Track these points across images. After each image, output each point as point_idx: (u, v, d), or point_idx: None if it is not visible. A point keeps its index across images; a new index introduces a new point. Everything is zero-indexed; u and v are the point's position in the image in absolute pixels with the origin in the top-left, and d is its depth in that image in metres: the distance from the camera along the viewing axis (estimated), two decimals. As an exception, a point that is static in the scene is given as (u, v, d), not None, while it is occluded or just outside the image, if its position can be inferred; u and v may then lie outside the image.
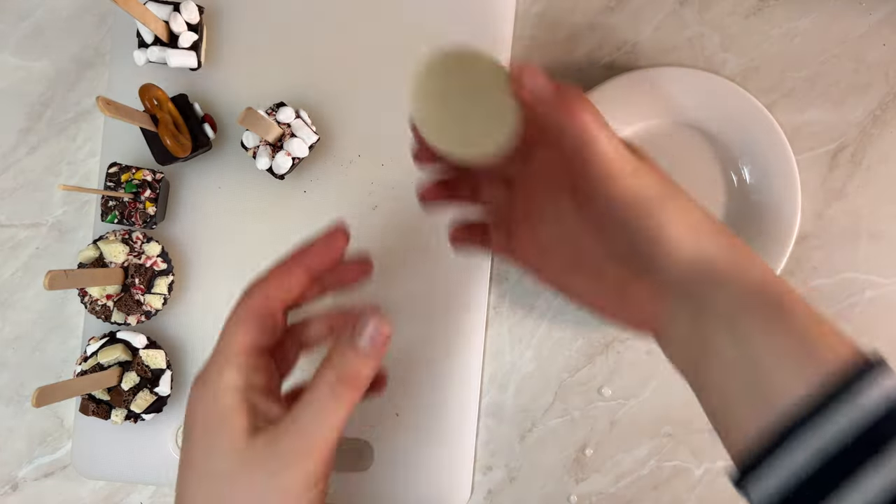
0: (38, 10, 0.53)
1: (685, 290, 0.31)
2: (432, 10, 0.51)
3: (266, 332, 0.34)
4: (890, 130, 0.50)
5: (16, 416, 0.53)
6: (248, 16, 0.51)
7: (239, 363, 0.33)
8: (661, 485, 0.51)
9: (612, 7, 0.51)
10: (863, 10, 0.50)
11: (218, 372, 0.33)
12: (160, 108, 0.47)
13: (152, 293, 0.49)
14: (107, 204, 0.48)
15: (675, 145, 0.49)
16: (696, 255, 0.31)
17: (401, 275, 0.51)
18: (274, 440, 0.31)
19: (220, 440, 0.31)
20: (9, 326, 0.53)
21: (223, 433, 0.31)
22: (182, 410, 0.51)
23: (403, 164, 0.51)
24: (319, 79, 0.51)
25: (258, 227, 0.51)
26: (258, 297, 0.35)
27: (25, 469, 0.53)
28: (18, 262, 0.53)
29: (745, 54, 0.50)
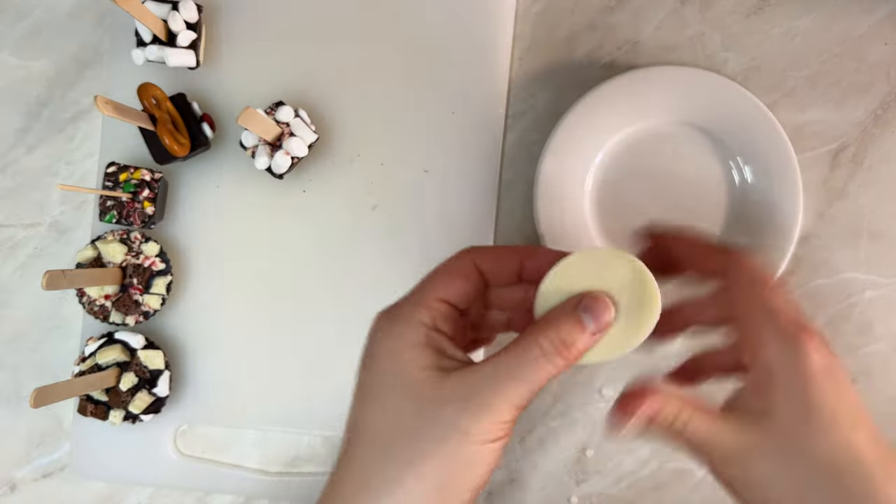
0: (37, 10, 0.53)
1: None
2: (432, 9, 0.51)
3: (462, 293, 0.34)
4: (891, 130, 0.49)
5: (14, 416, 0.53)
6: (247, 15, 0.51)
7: (430, 307, 0.33)
8: (662, 486, 0.51)
9: (613, 6, 0.50)
10: (864, 9, 0.49)
11: (409, 309, 0.33)
12: (159, 107, 0.47)
13: (150, 293, 0.49)
14: (105, 204, 0.48)
15: (676, 145, 0.48)
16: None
17: (401, 275, 0.51)
18: (469, 383, 0.30)
19: (407, 372, 0.31)
20: (7, 326, 0.53)
21: (410, 365, 0.31)
22: (181, 411, 0.51)
23: (403, 163, 0.51)
24: (319, 78, 0.51)
25: (257, 227, 0.51)
26: (467, 260, 0.35)
27: (24, 470, 0.53)
28: (16, 262, 0.53)
29: (746, 53, 0.50)
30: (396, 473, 0.30)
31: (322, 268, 0.51)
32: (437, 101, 0.51)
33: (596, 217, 0.49)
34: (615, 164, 0.49)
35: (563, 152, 0.48)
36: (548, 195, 0.48)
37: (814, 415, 0.30)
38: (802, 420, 0.30)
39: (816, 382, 0.30)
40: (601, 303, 0.31)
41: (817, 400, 0.30)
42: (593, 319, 0.31)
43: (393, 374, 0.31)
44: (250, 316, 0.51)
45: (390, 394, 0.31)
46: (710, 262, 0.34)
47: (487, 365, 0.31)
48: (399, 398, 0.31)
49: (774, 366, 0.31)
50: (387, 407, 0.31)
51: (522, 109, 0.51)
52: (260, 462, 0.52)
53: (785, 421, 0.30)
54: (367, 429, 0.31)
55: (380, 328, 0.34)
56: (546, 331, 0.31)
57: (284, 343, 0.51)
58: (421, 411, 0.30)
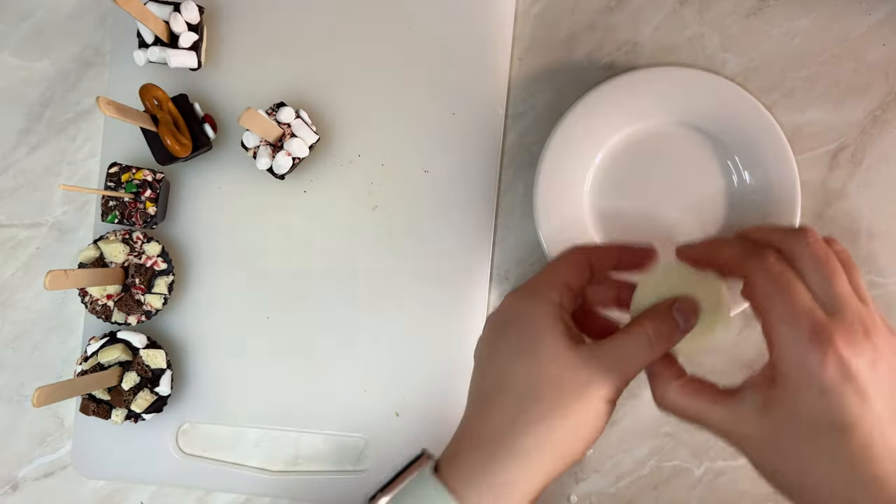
0: (39, 11, 0.53)
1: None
2: (432, 10, 0.51)
3: (580, 280, 0.39)
4: (890, 130, 0.50)
5: (16, 415, 0.53)
6: (248, 16, 0.51)
7: (562, 289, 0.38)
8: (661, 485, 0.51)
9: (612, 7, 0.51)
10: (863, 9, 0.50)
11: (545, 289, 0.38)
12: (160, 108, 0.47)
13: (152, 293, 0.49)
14: (107, 204, 0.48)
15: (675, 145, 0.49)
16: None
17: (401, 275, 0.51)
18: (598, 354, 0.36)
19: (549, 336, 0.36)
20: (9, 326, 0.53)
21: (551, 332, 0.36)
22: (182, 411, 0.51)
23: (403, 164, 0.51)
24: (319, 79, 0.51)
25: (258, 227, 0.51)
26: (581, 253, 0.40)
27: (26, 469, 0.53)
28: (19, 262, 0.53)
29: (745, 54, 0.50)
30: (543, 414, 0.35)
31: (323, 268, 0.51)
32: (437, 101, 0.51)
33: (595, 217, 0.49)
34: (614, 164, 0.49)
35: (562, 152, 0.48)
36: (547, 195, 0.48)
37: (800, 425, 0.32)
38: (790, 428, 0.33)
39: (812, 393, 0.32)
40: (691, 306, 0.38)
41: (808, 411, 0.32)
42: (684, 319, 0.37)
43: (535, 337, 0.36)
44: (252, 315, 0.51)
45: (534, 353, 0.36)
46: (734, 262, 0.37)
47: (610, 343, 0.36)
48: (543, 357, 0.36)
49: (779, 369, 0.33)
50: (532, 363, 0.36)
51: (522, 109, 0.51)
52: (261, 461, 0.52)
53: (775, 423, 0.33)
54: (515, 379, 0.36)
55: (518, 300, 0.38)
56: (653, 322, 0.37)
57: (285, 342, 0.51)
58: (562, 369, 0.36)
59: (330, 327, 0.51)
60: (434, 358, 0.51)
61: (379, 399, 0.51)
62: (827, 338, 0.32)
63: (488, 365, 0.38)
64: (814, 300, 0.33)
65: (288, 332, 0.51)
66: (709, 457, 0.50)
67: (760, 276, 0.34)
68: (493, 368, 0.38)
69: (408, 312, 0.51)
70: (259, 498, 0.52)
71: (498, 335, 0.38)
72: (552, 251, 0.48)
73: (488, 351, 0.39)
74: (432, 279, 0.51)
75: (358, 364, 0.51)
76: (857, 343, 0.32)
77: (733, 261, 0.37)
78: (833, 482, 0.32)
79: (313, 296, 0.51)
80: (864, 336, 0.32)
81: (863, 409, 0.31)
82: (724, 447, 0.50)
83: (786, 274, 0.34)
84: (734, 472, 0.50)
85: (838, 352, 0.31)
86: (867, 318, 0.33)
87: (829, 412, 0.31)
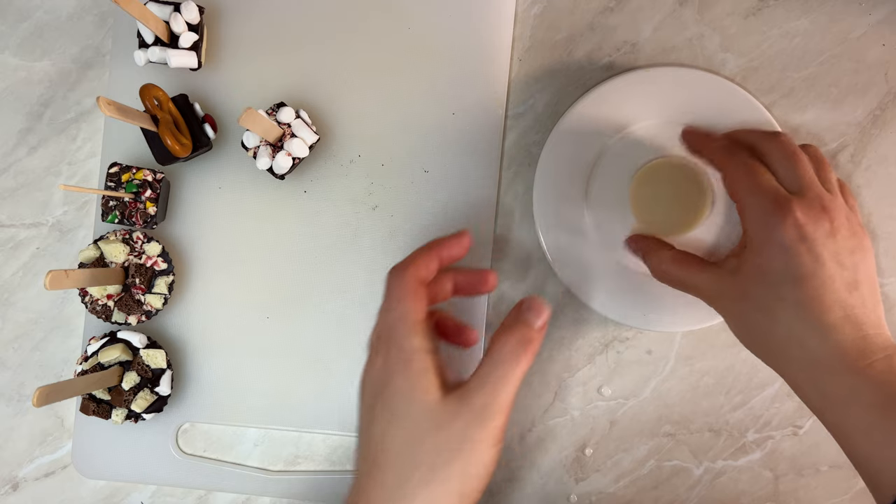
0: (39, 11, 0.53)
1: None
2: (432, 11, 0.51)
3: (423, 302, 0.39)
4: (890, 130, 0.50)
5: (16, 415, 0.53)
6: (248, 16, 0.52)
7: (420, 330, 0.38)
8: (660, 484, 0.51)
9: (612, 7, 0.51)
10: (862, 10, 0.50)
11: (407, 336, 0.37)
12: (161, 108, 0.47)
13: (153, 293, 0.49)
14: (107, 204, 0.48)
15: (675, 145, 0.49)
16: None
17: (401, 275, 0.51)
18: (467, 397, 0.36)
19: (420, 396, 0.36)
20: (9, 326, 0.53)
21: (422, 388, 0.36)
22: (182, 411, 0.51)
23: (403, 164, 0.51)
24: (319, 79, 0.51)
25: (258, 227, 0.51)
26: (414, 274, 0.40)
27: (26, 469, 0.53)
28: (19, 263, 0.53)
29: (744, 54, 0.50)
30: (424, 480, 0.35)
31: (323, 268, 0.51)
32: (437, 101, 0.51)
33: (595, 217, 0.49)
34: (614, 164, 0.49)
35: (562, 153, 0.48)
36: (547, 196, 0.49)
37: (764, 277, 0.39)
38: (756, 280, 0.39)
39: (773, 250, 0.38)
40: (538, 302, 0.39)
41: (769, 265, 0.38)
42: (538, 316, 0.38)
43: (407, 397, 0.36)
44: (252, 315, 0.51)
45: (408, 416, 0.36)
46: (715, 154, 0.42)
47: (476, 380, 0.37)
48: (417, 419, 0.36)
49: (749, 235, 0.40)
50: (407, 427, 0.36)
51: (522, 110, 0.51)
52: (261, 460, 0.52)
53: (745, 278, 0.39)
54: (392, 446, 0.36)
55: (387, 356, 0.38)
56: (508, 337, 0.37)
57: (286, 342, 0.51)
58: (438, 427, 0.36)
59: (330, 327, 0.51)
60: (434, 358, 0.51)
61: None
62: (787, 206, 0.38)
63: (367, 432, 0.38)
64: (779, 183, 0.39)
65: (288, 332, 0.51)
66: (709, 457, 0.51)
67: (733, 164, 0.40)
68: (373, 435, 0.37)
69: (408, 312, 0.51)
70: (259, 498, 0.52)
71: (372, 403, 0.38)
72: (552, 251, 0.48)
73: (367, 419, 0.38)
74: (432, 279, 0.51)
75: (358, 364, 0.51)
76: (813, 214, 0.38)
77: (717, 153, 0.42)
78: (792, 328, 0.37)
79: (313, 296, 0.51)
80: (821, 210, 0.38)
81: (815, 266, 0.37)
82: (724, 447, 0.50)
83: (754, 162, 0.40)
84: (734, 472, 0.50)
85: (796, 217, 0.37)
86: (827, 199, 0.38)
87: (787, 265, 0.37)
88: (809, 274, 0.37)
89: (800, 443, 0.50)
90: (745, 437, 0.50)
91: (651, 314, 0.48)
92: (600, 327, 0.51)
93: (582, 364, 0.51)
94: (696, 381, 0.51)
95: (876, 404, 0.35)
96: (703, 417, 0.51)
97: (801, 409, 0.50)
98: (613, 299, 0.48)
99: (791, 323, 0.38)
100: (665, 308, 0.48)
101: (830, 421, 0.38)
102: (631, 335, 0.51)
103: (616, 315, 0.48)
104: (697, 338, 0.50)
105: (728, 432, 0.50)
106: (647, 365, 0.51)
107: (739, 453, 0.50)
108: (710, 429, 0.51)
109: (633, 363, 0.51)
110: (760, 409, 0.50)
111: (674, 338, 0.51)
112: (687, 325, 0.48)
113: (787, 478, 0.50)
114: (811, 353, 0.37)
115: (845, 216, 0.39)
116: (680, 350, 0.50)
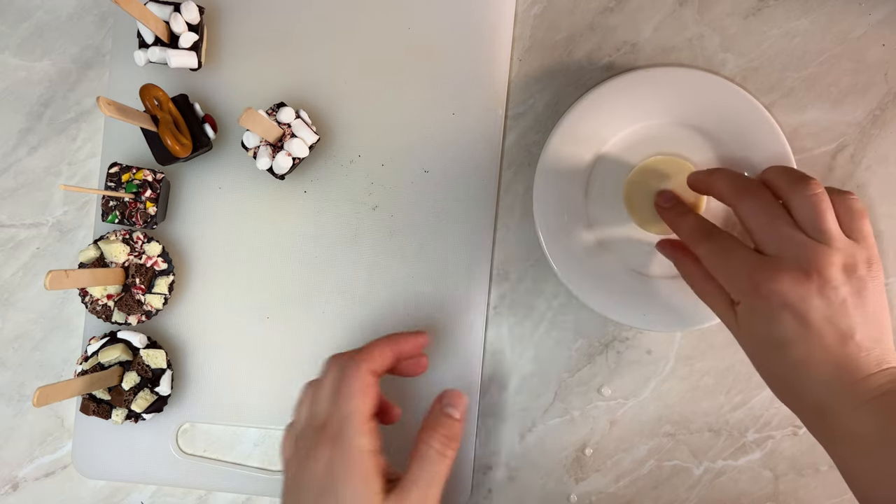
0: (39, 11, 0.53)
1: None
2: (432, 11, 0.51)
3: (375, 399, 0.41)
4: (889, 131, 0.50)
5: (16, 415, 0.53)
6: (248, 16, 0.52)
7: (369, 430, 0.39)
8: (660, 484, 0.51)
9: (612, 7, 0.51)
10: (862, 10, 0.50)
11: (356, 436, 0.39)
12: (161, 108, 0.47)
13: (153, 293, 0.49)
14: (107, 204, 0.48)
15: (675, 145, 0.49)
16: None
17: (401, 275, 0.51)
18: (404, 498, 0.38)
19: (364, 498, 0.38)
20: (9, 326, 0.53)
21: (366, 492, 0.38)
22: (182, 411, 0.51)
23: (403, 164, 0.51)
24: (319, 79, 0.51)
25: (258, 227, 0.51)
26: (369, 369, 0.41)
27: (26, 469, 0.53)
28: (19, 263, 0.53)
29: (744, 55, 0.50)
30: None
31: (323, 268, 0.51)
32: (437, 101, 0.51)
33: (594, 217, 0.49)
34: (614, 164, 0.49)
35: (561, 153, 0.48)
36: (546, 195, 0.49)
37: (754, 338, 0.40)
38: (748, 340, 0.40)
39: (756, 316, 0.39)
40: (456, 395, 0.42)
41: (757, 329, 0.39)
42: (456, 409, 0.42)
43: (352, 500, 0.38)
44: (252, 315, 0.51)
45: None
46: (724, 194, 0.42)
47: (409, 480, 0.39)
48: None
49: (743, 283, 0.40)
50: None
51: (522, 110, 0.51)
52: (261, 460, 0.52)
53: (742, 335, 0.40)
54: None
55: (328, 456, 0.38)
56: (432, 436, 0.40)
57: (286, 342, 0.51)
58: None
59: (330, 327, 0.51)
60: (434, 357, 0.51)
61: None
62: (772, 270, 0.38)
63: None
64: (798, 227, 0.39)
65: (288, 332, 0.51)
66: (708, 457, 0.51)
67: (746, 208, 0.40)
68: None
69: (408, 312, 0.51)
70: (259, 498, 0.52)
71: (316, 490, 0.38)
72: (552, 251, 0.48)
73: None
74: (432, 279, 0.51)
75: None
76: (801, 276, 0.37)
77: (725, 193, 0.42)
78: (788, 380, 0.38)
79: (313, 296, 0.51)
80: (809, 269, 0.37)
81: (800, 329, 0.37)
82: (724, 447, 0.50)
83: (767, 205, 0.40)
84: (734, 472, 0.51)
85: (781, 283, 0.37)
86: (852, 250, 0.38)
87: (771, 331, 0.38)
88: (792, 339, 0.37)
89: (800, 443, 0.50)
90: (745, 437, 0.50)
91: (651, 314, 0.48)
92: (600, 327, 0.51)
93: (582, 364, 0.51)
94: (696, 381, 0.51)
95: (873, 442, 0.36)
96: (702, 417, 0.51)
97: (800, 408, 0.50)
98: (613, 299, 0.48)
99: (786, 376, 0.39)
100: (665, 308, 0.48)
101: (837, 460, 0.38)
102: (631, 335, 0.51)
103: (616, 315, 0.48)
104: (697, 338, 0.51)
105: (728, 432, 0.50)
106: (647, 365, 0.51)
107: (739, 453, 0.50)
108: (710, 429, 0.51)
109: (633, 363, 0.51)
110: (760, 409, 0.50)
111: (674, 338, 0.51)
112: (687, 325, 0.48)
113: (787, 478, 0.50)
114: (810, 402, 0.38)
115: (843, 265, 0.38)
116: (680, 350, 0.51)
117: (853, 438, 0.36)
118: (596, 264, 0.49)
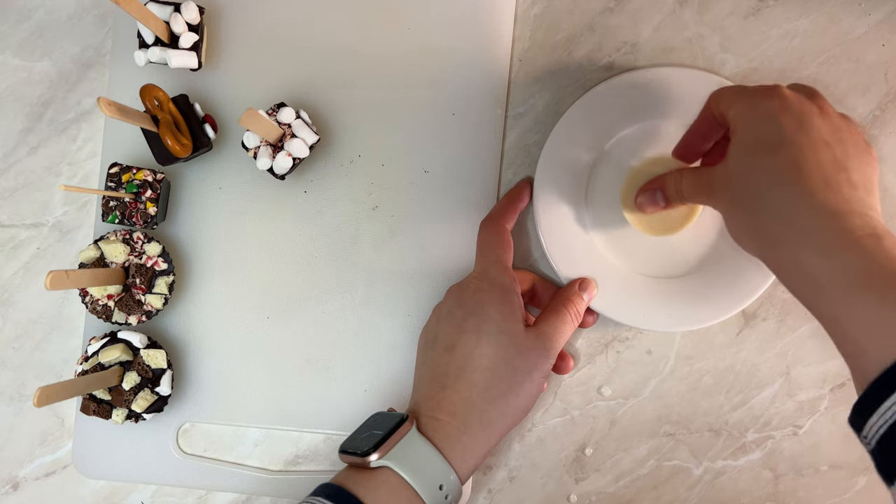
0: (39, 11, 0.53)
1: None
2: (432, 11, 0.51)
3: (511, 251, 0.48)
4: (889, 131, 0.50)
5: (17, 415, 0.53)
6: (248, 16, 0.52)
7: (513, 275, 0.46)
8: (660, 484, 0.51)
9: (612, 8, 0.51)
10: (861, 10, 0.50)
11: (501, 275, 0.46)
12: (161, 108, 0.47)
13: (153, 293, 0.49)
14: (108, 204, 0.48)
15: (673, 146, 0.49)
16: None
17: (402, 275, 0.51)
18: (541, 336, 0.45)
19: (511, 325, 0.44)
20: (10, 326, 0.53)
21: (513, 319, 0.44)
22: (183, 411, 0.51)
23: (403, 164, 0.51)
24: (320, 79, 0.51)
25: (259, 228, 0.51)
26: (503, 224, 0.48)
27: (26, 468, 0.53)
28: (19, 263, 0.53)
29: (744, 55, 0.50)
30: (502, 392, 0.43)
31: (323, 268, 0.51)
32: (437, 101, 0.51)
33: (595, 217, 0.49)
34: (614, 164, 0.49)
35: (561, 153, 0.48)
36: (546, 195, 0.49)
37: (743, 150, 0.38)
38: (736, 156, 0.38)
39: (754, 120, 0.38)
40: (591, 284, 0.48)
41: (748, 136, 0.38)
42: (588, 294, 0.48)
43: (500, 324, 0.44)
44: (252, 315, 0.51)
45: (497, 339, 0.43)
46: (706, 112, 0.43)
47: (547, 325, 0.46)
48: (504, 341, 0.44)
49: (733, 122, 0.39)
50: (495, 346, 0.43)
51: (522, 109, 0.51)
52: (261, 461, 0.52)
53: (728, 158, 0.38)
54: (482, 361, 0.43)
55: (486, 289, 0.45)
56: (572, 305, 0.47)
57: (285, 342, 0.51)
58: (519, 353, 0.44)
59: (330, 327, 0.51)
60: (434, 358, 0.51)
61: (378, 398, 0.51)
62: (776, 87, 0.38)
63: (452, 348, 0.44)
64: None
65: (288, 332, 0.51)
66: (708, 457, 0.51)
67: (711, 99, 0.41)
68: (460, 351, 0.44)
69: (408, 312, 0.51)
70: (259, 498, 0.52)
71: (461, 323, 0.44)
72: (552, 251, 0.48)
73: (454, 336, 0.44)
74: (433, 279, 0.51)
75: (358, 364, 0.51)
76: (804, 97, 0.38)
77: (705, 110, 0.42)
78: (771, 199, 0.36)
79: (313, 296, 0.51)
80: (810, 95, 0.38)
81: (797, 132, 0.36)
82: (724, 447, 0.50)
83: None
84: (734, 472, 0.51)
85: (783, 93, 0.37)
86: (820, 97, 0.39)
87: (766, 132, 0.37)
88: (789, 140, 0.36)
89: (800, 443, 0.50)
90: (745, 437, 0.50)
91: (651, 314, 0.48)
92: (600, 327, 0.51)
93: (582, 364, 0.51)
94: (696, 380, 0.51)
95: (863, 281, 0.32)
96: (702, 417, 0.51)
97: (800, 409, 0.50)
98: (613, 299, 0.49)
99: (770, 194, 0.36)
100: (665, 308, 0.48)
101: (818, 307, 0.35)
102: (631, 335, 0.51)
103: (616, 315, 0.48)
104: (697, 338, 0.51)
105: (728, 432, 0.51)
106: (647, 365, 0.51)
107: (739, 453, 0.50)
108: (710, 429, 0.51)
109: (633, 363, 0.51)
110: (760, 409, 0.50)
111: (674, 338, 0.51)
112: (687, 325, 0.48)
113: (787, 478, 0.50)
114: (793, 225, 0.35)
115: (845, 122, 0.38)
116: (680, 350, 0.51)
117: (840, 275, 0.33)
118: (596, 264, 0.49)
